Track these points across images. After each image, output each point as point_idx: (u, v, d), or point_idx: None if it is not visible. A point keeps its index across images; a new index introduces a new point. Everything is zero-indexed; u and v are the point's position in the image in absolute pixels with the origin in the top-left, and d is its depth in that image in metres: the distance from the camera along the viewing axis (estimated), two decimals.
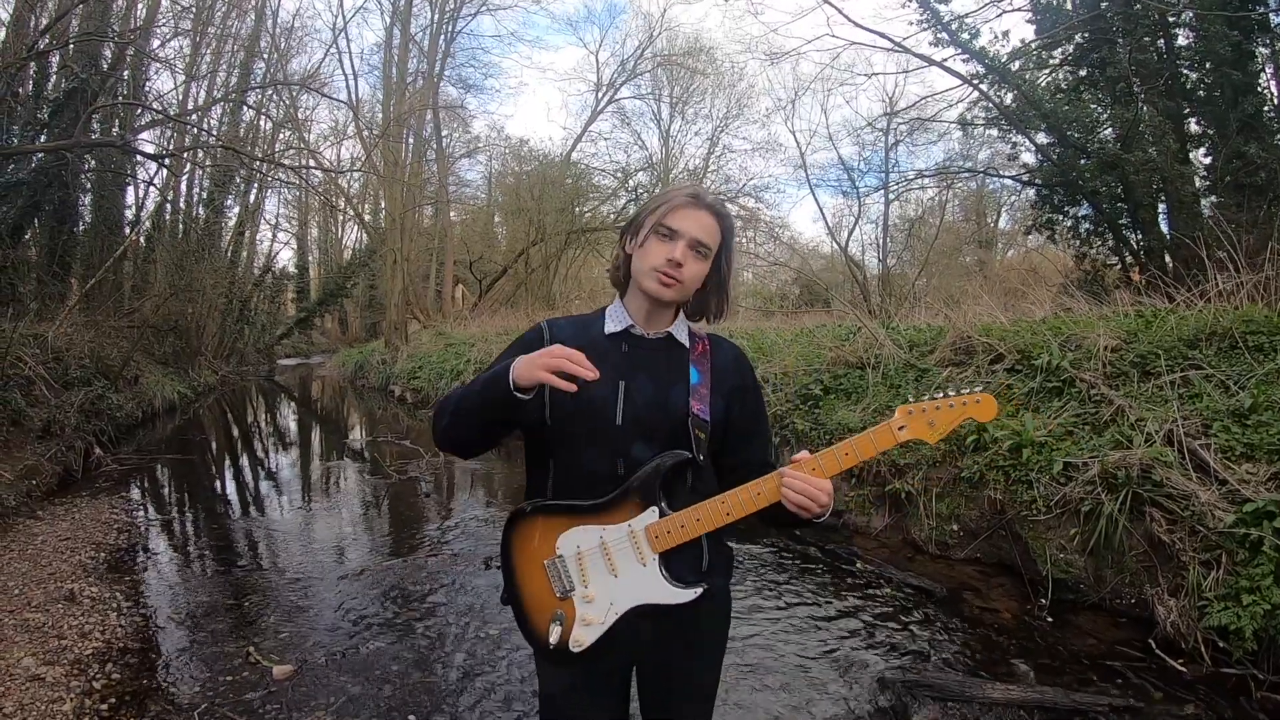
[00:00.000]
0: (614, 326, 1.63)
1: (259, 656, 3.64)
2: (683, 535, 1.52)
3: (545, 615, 1.55)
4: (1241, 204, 8.87)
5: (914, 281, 22.88)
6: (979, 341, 6.42)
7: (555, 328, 1.64)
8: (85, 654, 3.59)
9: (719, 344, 1.71)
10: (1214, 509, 3.71)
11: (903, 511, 5.60)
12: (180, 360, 16.65)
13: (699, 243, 1.54)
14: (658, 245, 1.54)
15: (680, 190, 1.58)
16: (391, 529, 6.35)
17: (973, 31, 12.36)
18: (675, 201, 1.55)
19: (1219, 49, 9.23)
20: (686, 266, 1.53)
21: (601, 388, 1.53)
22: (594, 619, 1.52)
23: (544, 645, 1.54)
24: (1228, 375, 4.59)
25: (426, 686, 3.42)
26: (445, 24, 24.91)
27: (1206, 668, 3.41)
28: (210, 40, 18.39)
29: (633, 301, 1.64)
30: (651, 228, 1.55)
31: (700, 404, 1.58)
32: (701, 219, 1.55)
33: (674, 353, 1.63)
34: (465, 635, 3.97)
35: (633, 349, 1.61)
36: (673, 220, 1.54)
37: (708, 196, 1.58)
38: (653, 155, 29.69)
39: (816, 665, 3.63)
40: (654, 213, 1.56)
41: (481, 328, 19.15)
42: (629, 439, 1.54)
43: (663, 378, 1.59)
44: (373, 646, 3.82)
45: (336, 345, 36.41)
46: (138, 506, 6.86)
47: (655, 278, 1.54)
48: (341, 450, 10.98)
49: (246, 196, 23.53)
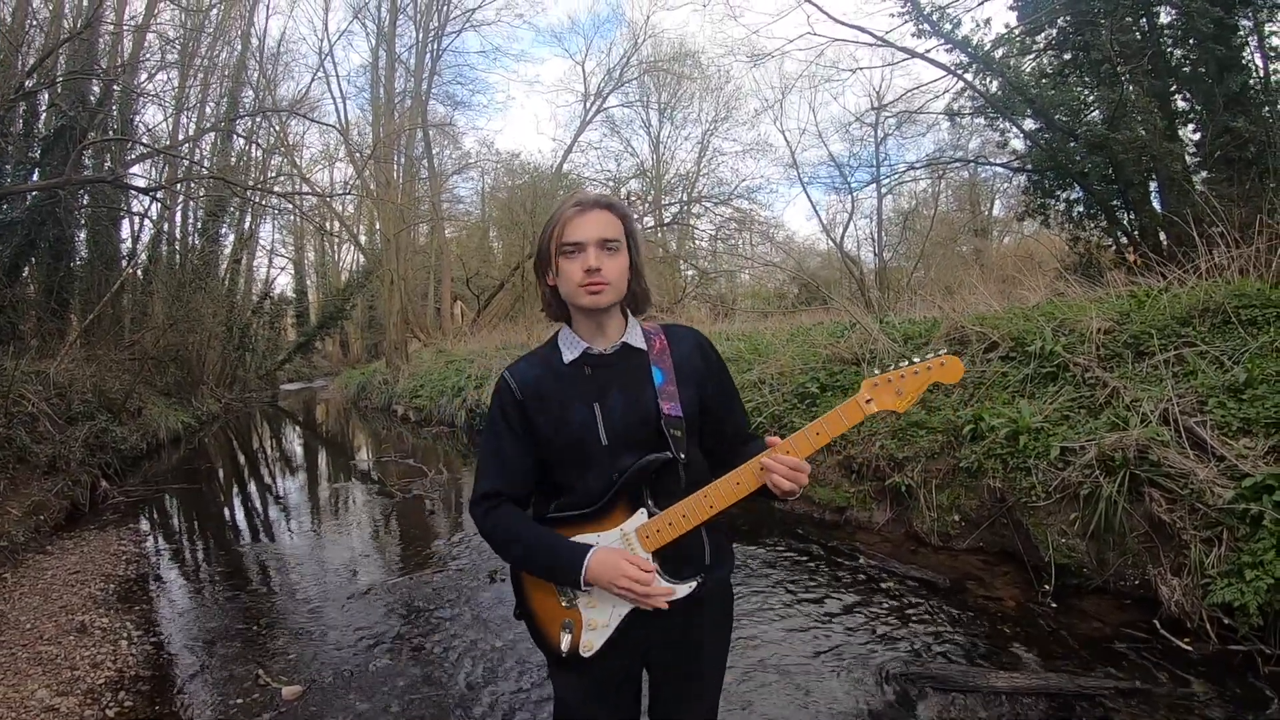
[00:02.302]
0: (571, 354, 1.66)
1: (268, 678, 3.67)
2: (671, 532, 1.58)
3: (554, 625, 1.63)
4: (1232, 178, 8.88)
5: (911, 274, 22.89)
6: (973, 331, 6.43)
7: (518, 376, 1.67)
8: (98, 683, 3.63)
9: (675, 335, 1.74)
10: (1213, 486, 3.71)
11: (904, 505, 5.60)
12: (182, 390, 16.69)
13: (604, 240, 1.57)
14: (569, 263, 1.58)
15: (565, 205, 1.62)
16: (397, 547, 6.37)
17: (954, 21, 12.38)
18: (565, 216, 1.59)
19: (1202, 25, 9.25)
20: (605, 267, 1.56)
21: (580, 415, 1.60)
22: (599, 623, 1.60)
23: (556, 653, 1.62)
24: (1221, 351, 4.60)
25: (434, 701, 3.44)
26: (430, 42, 25.04)
27: (1213, 645, 3.41)
28: (197, 71, 18.47)
29: (579, 324, 1.67)
30: (558, 250, 1.59)
31: (670, 402, 1.63)
32: (596, 218, 1.58)
33: (634, 359, 1.67)
34: (472, 648, 3.99)
35: (595, 369, 1.65)
36: (570, 235, 1.57)
37: (591, 196, 1.62)
38: (644, 162, 29.89)
39: (822, 662, 3.63)
40: (551, 238, 1.60)
41: (481, 343, 19.19)
42: (617, 454, 1.60)
43: (631, 388, 1.63)
44: (380, 664, 3.84)
45: (338, 367, 36.46)
46: (145, 537, 6.89)
47: (583, 293, 1.58)
48: (347, 471, 10.99)
49: (241, 224, 23.61)
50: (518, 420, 1.64)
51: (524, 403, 1.63)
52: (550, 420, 1.61)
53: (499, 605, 4.63)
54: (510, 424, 1.65)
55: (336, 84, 29.04)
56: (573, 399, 1.62)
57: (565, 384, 1.63)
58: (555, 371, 1.65)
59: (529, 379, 1.65)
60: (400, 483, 8.75)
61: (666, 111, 29.48)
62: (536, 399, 1.63)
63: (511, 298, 28.37)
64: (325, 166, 29.68)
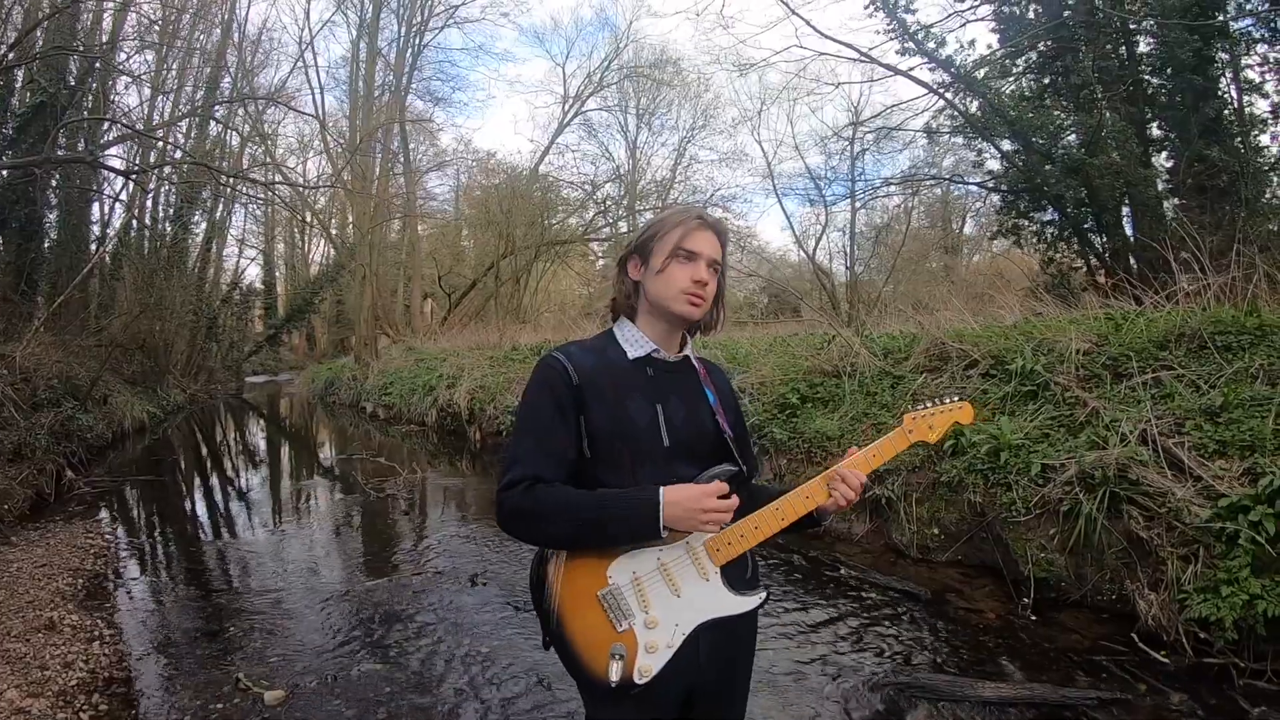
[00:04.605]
0: (636, 351, 1.63)
1: (249, 683, 3.57)
2: (743, 545, 1.57)
3: (601, 652, 1.47)
4: (1205, 206, 9.15)
5: (882, 288, 23.19)
6: (953, 348, 6.52)
7: (573, 359, 1.58)
8: (70, 685, 3.50)
9: (713, 368, 1.79)
10: (1190, 505, 3.81)
11: (883, 517, 5.67)
12: (149, 379, 16.33)
13: (714, 261, 1.61)
14: (680, 268, 1.58)
15: (688, 214, 1.62)
16: (373, 548, 6.29)
17: (939, 40, 12.60)
18: (690, 225, 1.59)
19: (1180, 55, 9.52)
20: (709, 285, 1.59)
21: (642, 413, 1.56)
22: (659, 643, 1.49)
23: (603, 684, 1.46)
24: (1198, 375, 4.72)
25: (422, 708, 3.38)
26: (413, 37, 24.91)
27: (1189, 658, 3.51)
28: (177, 54, 18.14)
29: (651, 326, 1.65)
30: (671, 252, 1.58)
31: (724, 422, 1.66)
32: (713, 239, 1.61)
33: (690, 375, 1.69)
34: (457, 655, 3.94)
35: (657, 373, 1.63)
36: (691, 243, 1.58)
37: (711, 216, 1.64)
38: (620, 167, 29.92)
39: (808, 672, 3.66)
40: (665, 237, 1.60)
41: (452, 342, 19.09)
42: (675, 460, 1.57)
43: (690, 399, 1.64)
44: (364, 669, 3.77)
45: (304, 362, 36.02)
46: (113, 530, 6.73)
47: (685, 300, 1.58)
48: (318, 469, 10.85)
49: (214, 213, 23.22)
50: (570, 405, 1.53)
51: (581, 387, 1.54)
52: (607, 411, 1.54)
53: (482, 610, 4.59)
54: (562, 409, 1.53)
55: (316, 75, 28.89)
56: (634, 395, 1.57)
57: (625, 379, 1.58)
58: (614, 365, 1.60)
59: (585, 365, 1.57)
60: (373, 481, 8.65)
61: (645, 117, 29.65)
62: (593, 386, 1.55)
63: (483, 297, 28.24)
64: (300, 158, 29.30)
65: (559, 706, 3.35)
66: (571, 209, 29.76)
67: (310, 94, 24.80)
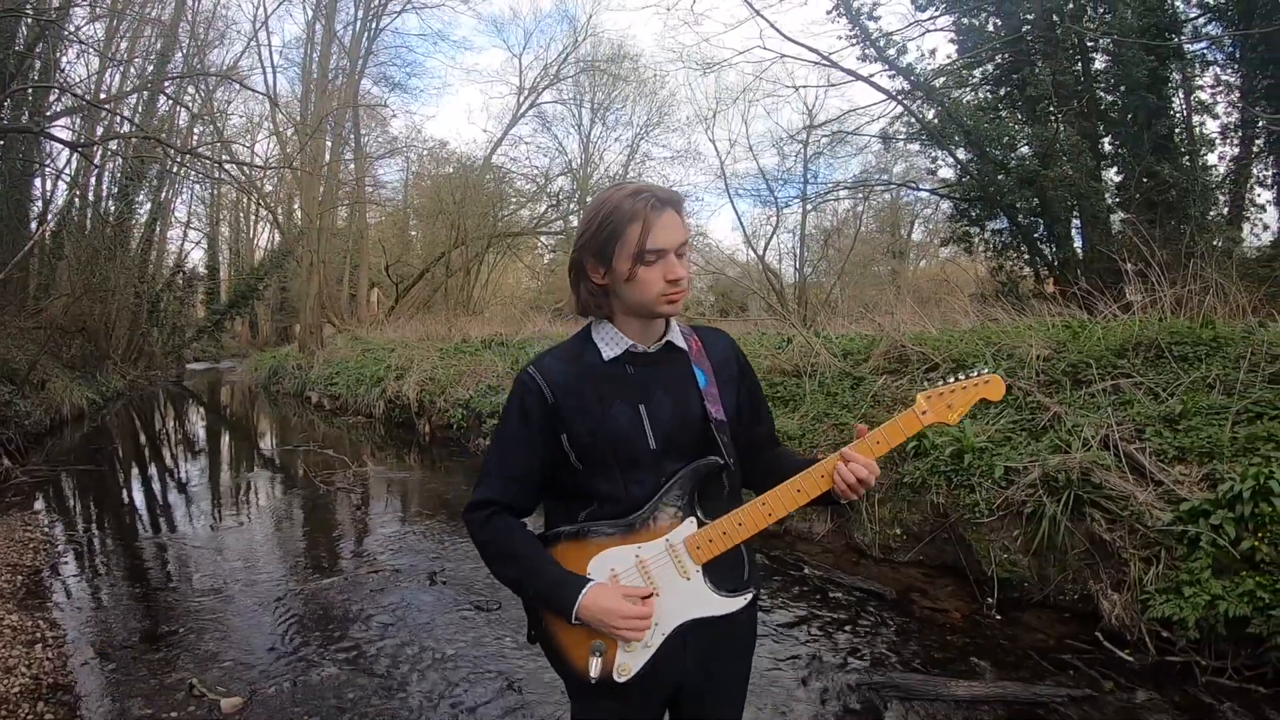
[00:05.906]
0: (613, 351, 1.52)
1: (204, 689, 3.40)
2: (726, 542, 1.48)
3: (582, 648, 1.46)
4: (1153, 220, 9.44)
5: (830, 290, 23.51)
6: (913, 350, 6.61)
7: (549, 374, 1.50)
8: (12, 691, 3.29)
9: (707, 336, 1.67)
10: (1151, 508, 3.91)
11: (844, 517, 5.71)
12: (89, 364, 15.65)
13: (681, 245, 1.47)
14: (650, 271, 1.43)
15: (638, 200, 1.43)
16: (324, 544, 6.11)
17: (900, 48, 12.80)
18: (646, 215, 1.41)
19: (1136, 73, 9.82)
20: (683, 274, 1.46)
21: (625, 417, 1.48)
22: (638, 643, 1.46)
23: (583, 679, 1.45)
24: (1156, 383, 4.86)
25: (389, 714, 3.27)
26: (370, 20, 24.32)
27: (1152, 657, 3.59)
28: (129, 25, 17.39)
29: (627, 323, 1.53)
30: (635, 257, 1.42)
31: (715, 405, 1.54)
32: (674, 220, 1.45)
33: (676, 359, 1.57)
34: (422, 656, 3.82)
35: (638, 369, 1.53)
36: (654, 240, 1.41)
37: (662, 191, 1.46)
38: (573, 160, 29.74)
39: (780, 672, 3.65)
40: (624, 239, 1.43)
41: (400, 332, 18.76)
42: (666, 458, 1.49)
43: (675, 389, 1.53)
44: (325, 673, 3.62)
45: (247, 349, 34.89)
46: (54, 523, 6.41)
47: (663, 302, 1.46)
48: (262, 461, 10.52)
49: (159, 193, 22.36)
50: (541, 424, 1.48)
51: (557, 405, 1.47)
52: (588, 422, 1.47)
53: (444, 610, 4.47)
54: (530, 428, 1.48)
55: (270, 54, 27.87)
56: (614, 398, 1.49)
57: (605, 383, 1.49)
58: (592, 369, 1.51)
59: (560, 378, 1.49)
60: (321, 474, 8.42)
61: (599, 111, 29.45)
62: (572, 398, 1.47)
63: (430, 288, 27.82)
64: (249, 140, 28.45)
65: (531, 710, 3.27)
66: (523, 201, 29.55)
67: (263, 73, 24.10)
